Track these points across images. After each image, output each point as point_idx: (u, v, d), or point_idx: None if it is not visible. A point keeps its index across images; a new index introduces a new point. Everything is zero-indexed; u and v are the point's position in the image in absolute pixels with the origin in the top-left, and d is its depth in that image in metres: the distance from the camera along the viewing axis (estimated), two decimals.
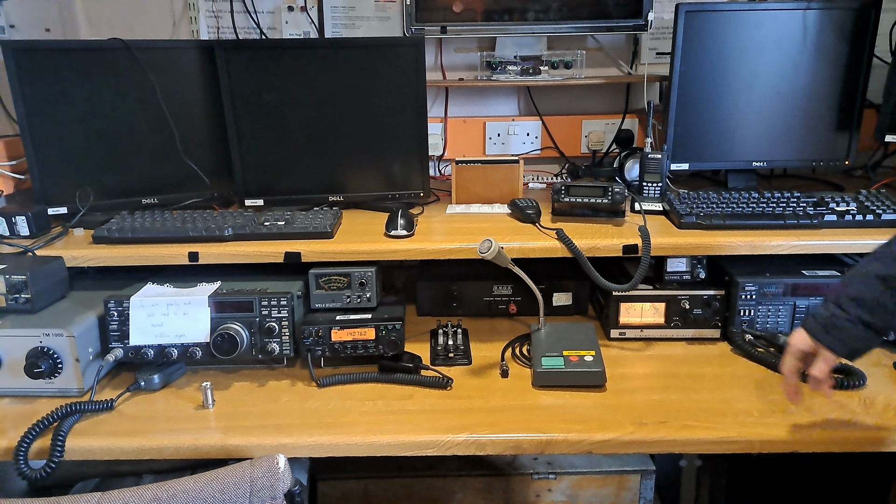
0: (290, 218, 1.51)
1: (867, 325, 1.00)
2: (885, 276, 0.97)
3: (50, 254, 1.42)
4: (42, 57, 1.53)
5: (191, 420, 1.20)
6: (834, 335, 1.02)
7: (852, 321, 1.00)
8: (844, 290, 1.02)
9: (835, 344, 1.03)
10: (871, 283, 0.99)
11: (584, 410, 1.21)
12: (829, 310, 1.03)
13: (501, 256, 1.32)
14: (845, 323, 1.01)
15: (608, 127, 2.09)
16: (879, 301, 0.98)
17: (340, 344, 1.34)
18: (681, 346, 1.47)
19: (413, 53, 1.65)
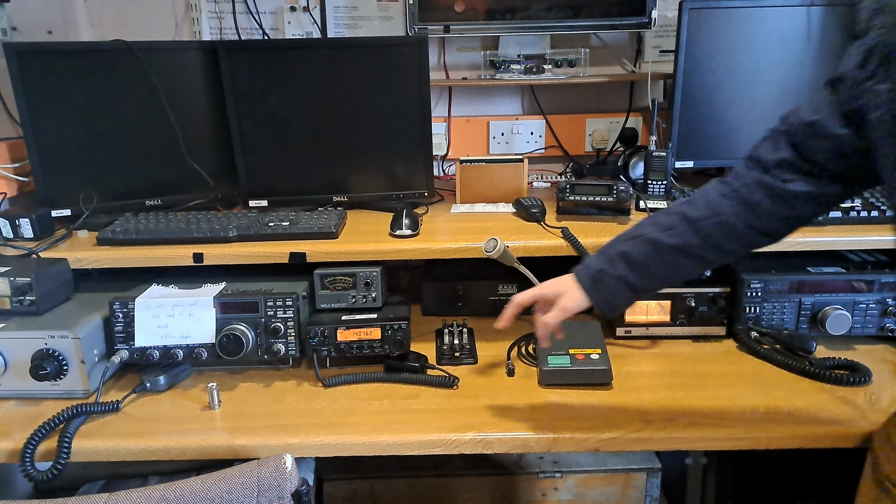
0: (295, 218, 1.51)
1: (629, 286, 1.04)
2: (654, 240, 1.02)
3: (54, 256, 1.42)
4: (45, 59, 1.53)
5: (197, 421, 1.20)
6: (599, 290, 1.06)
7: (618, 279, 1.04)
8: (616, 247, 1.05)
9: (598, 297, 1.07)
10: (640, 245, 1.03)
11: (590, 408, 1.20)
12: (601, 263, 1.06)
13: (507, 255, 1.31)
14: (612, 280, 1.04)
15: (612, 125, 2.09)
16: (647, 264, 1.03)
17: (346, 344, 1.34)
18: (686, 344, 1.46)
19: (416, 53, 1.64)
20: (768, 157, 0.97)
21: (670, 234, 1.01)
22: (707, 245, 1.00)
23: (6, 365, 1.26)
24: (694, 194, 1.05)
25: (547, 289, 1.12)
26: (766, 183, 0.96)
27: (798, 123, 0.94)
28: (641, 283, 1.04)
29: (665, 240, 1.01)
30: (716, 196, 1.00)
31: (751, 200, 0.98)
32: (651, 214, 1.08)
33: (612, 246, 1.07)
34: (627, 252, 1.04)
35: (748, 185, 0.98)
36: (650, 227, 1.04)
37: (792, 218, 0.98)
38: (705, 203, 1.00)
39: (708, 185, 1.04)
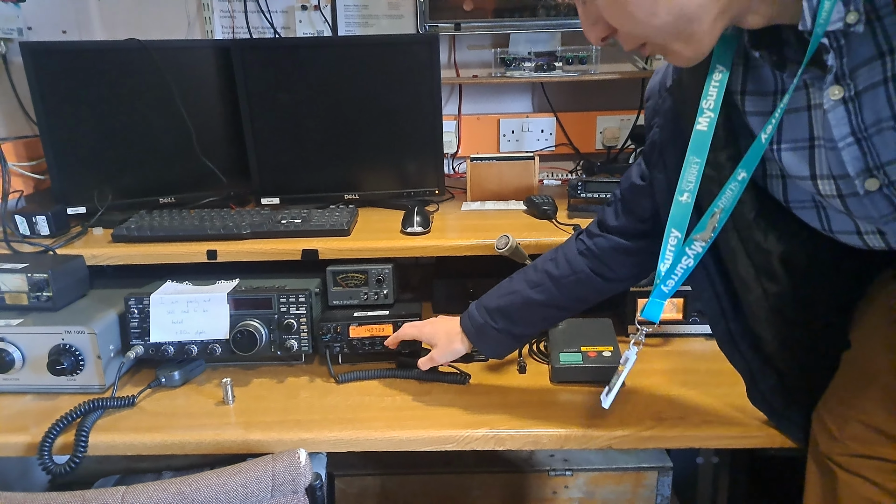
0: (307, 216, 1.52)
1: (511, 335, 1.19)
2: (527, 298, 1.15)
3: (70, 252, 1.44)
4: (60, 58, 1.55)
5: (212, 416, 1.21)
6: (483, 341, 1.20)
7: (501, 332, 1.18)
8: (494, 302, 1.18)
9: (483, 347, 1.21)
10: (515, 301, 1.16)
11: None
12: (483, 318, 1.18)
13: (518, 252, 1.32)
14: (494, 332, 1.18)
15: (623, 123, 2.09)
16: (523, 317, 1.17)
17: (358, 340, 1.35)
18: (699, 342, 1.46)
19: (427, 51, 1.65)
20: (610, 222, 1.12)
21: (538, 291, 1.15)
22: (569, 298, 1.15)
23: (24, 360, 1.27)
24: (559, 250, 1.18)
25: (427, 330, 1.27)
26: (614, 244, 1.11)
27: (625, 186, 1.11)
28: (521, 332, 1.19)
29: (534, 296, 1.15)
30: (574, 254, 1.14)
31: (603, 258, 1.12)
32: (522, 270, 1.21)
33: (491, 300, 1.19)
34: (504, 307, 1.17)
35: (600, 246, 1.12)
36: (522, 284, 1.17)
37: (640, 268, 1.14)
38: (565, 261, 1.14)
39: (569, 243, 1.18)
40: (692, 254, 0.90)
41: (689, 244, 0.89)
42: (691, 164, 0.88)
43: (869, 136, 0.74)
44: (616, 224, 1.12)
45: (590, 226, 1.18)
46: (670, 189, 0.96)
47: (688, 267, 0.91)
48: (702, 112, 0.86)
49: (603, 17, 0.77)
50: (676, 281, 0.92)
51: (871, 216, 0.80)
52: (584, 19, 0.80)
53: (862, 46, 0.70)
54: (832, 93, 0.74)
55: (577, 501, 1.72)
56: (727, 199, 0.85)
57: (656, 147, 1.00)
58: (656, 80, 1.02)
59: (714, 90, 0.84)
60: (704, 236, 0.87)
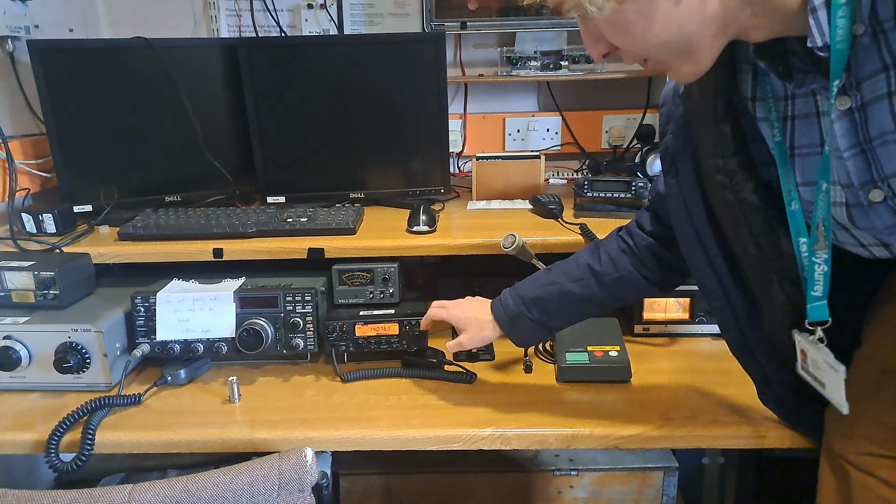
0: (313, 214, 1.52)
1: (544, 326, 1.18)
2: (566, 291, 1.15)
3: (76, 251, 1.44)
4: (67, 56, 1.55)
5: (218, 414, 1.21)
6: (516, 330, 1.19)
7: (534, 322, 1.17)
8: (531, 293, 1.17)
9: (515, 336, 1.20)
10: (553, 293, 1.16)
11: (609, 405, 1.20)
12: (518, 308, 1.17)
13: (525, 251, 1.31)
14: (528, 322, 1.17)
15: (629, 122, 2.08)
16: (560, 310, 1.17)
17: (364, 339, 1.35)
18: (706, 342, 1.45)
19: (433, 49, 1.65)
20: (646, 226, 1.14)
21: (579, 286, 1.15)
22: (609, 296, 1.15)
23: (30, 357, 1.27)
24: (599, 246, 1.18)
25: (457, 314, 1.24)
26: (650, 246, 1.12)
27: (653, 195, 1.13)
28: (554, 324, 1.19)
29: (574, 290, 1.14)
30: (616, 252, 1.15)
31: (642, 258, 1.13)
32: (561, 262, 1.20)
33: (528, 289, 1.18)
34: (541, 298, 1.16)
35: (639, 246, 1.13)
36: (562, 277, 1.16)
37: (676, 272, 1.13)
38: (608, 257, 1.15)
39: (610, 239, 1.19)
40: (820, 261, 0.86)
41: (814, 255, 0.86)
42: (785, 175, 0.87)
43: (873, 148, 0.74)
44: (651, 228, 1.13)
45: (629, 224, 1.18)
46: (682, 196, 0.97)
47: (824, 272, 0.87)
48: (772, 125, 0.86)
49: (604, 35, 0.77)
50: (822, 285, 0.88)
51: (876, 227, 0.80)
52: (586, 37, 0.80)
53: (868, 59, 0.70)
54: (840, 103, 0.74)
55: (583, 501, 1.72)
56: (822, 209, 0.81)
57: (669, 154, 1.00)
58: (670, 87, 1.02)
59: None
60: (821, 246, 0.84)
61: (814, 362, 0.95)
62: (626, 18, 0.72)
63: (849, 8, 0.67)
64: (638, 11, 0.71)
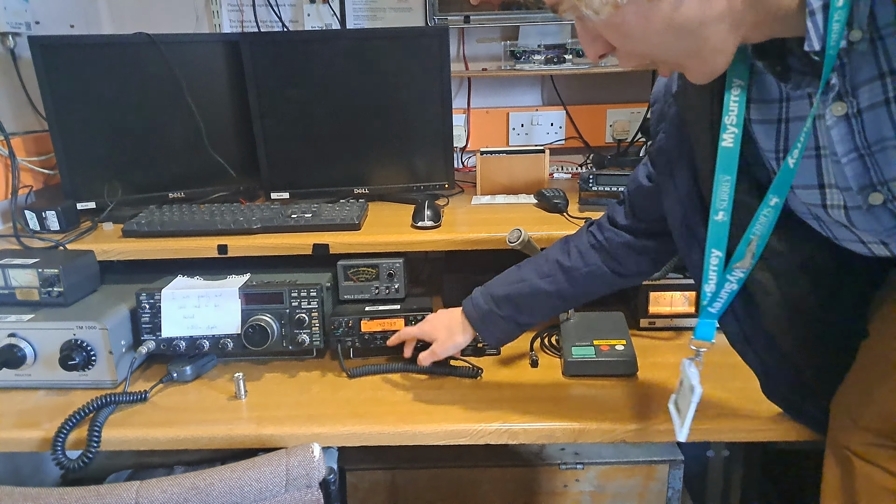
0: (317, 210, 1.52)
1: (516, 323, 1.19)
2: (536, 287, 1.16)
3: (80, 248, 1.44)
4: (69, 52, 1.54)
5: (224, 410, 1.21)
6: (487, 328, 1.20)
7: (505, 319, 1.18)
8: (501, 290, 1.19)
9: (486, 334, 1.21)
10: (523, 290, 1.17)
11: (616, 399, 1.20)
12: (489, 305, 1.18)
13: (531, 246, 1.31)
14: (499, 320, 1.18)
15: (633, 116, 2.07)
16: (530, 306, 1.18)
17: (370, 335, 1.35)
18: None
19: (437, 43, 1.64)
20: (620, 220, 1.14)
21: (548, 282, 1.16)
22: (578, 290, 1.16)
23: (35, 355, 1.27)
24: (569, 241, 1.18)
25: (426, 328, 1.26)
26: (624, 240, 1.13)
27: (632, 187, 1.12)
28: (525, 320, 1.20)
29: (544, 286, 1.16)
30: (586, 247, 1.16)
31: (613, 253, 1.13)
32: (531, 258, 1.21)
33: (498, 287, 1.20)
34: (511, 295, 1.18)
35: (610, 241, 1.14)
36: (531, 273, 1.17)
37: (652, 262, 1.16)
38: (578, 253, 1.15)
39: (580, 234, 1.19)
40: (734, 279, 0.89)
41: (730, 272, 0.88)
42: (722, 183, 0.87)
43: (872, 153, 0.73)
44: (625, 223, 1.13)
45: (600, 219, 1.18)
46: (678, 197, 0.97)
47: (732, 291, 0.90)
48: (725, 128, 0.84)
49: (602, 35, 0.75)
50: (723, 303, 0.91)
51: (876, 229, 0.80)
52: (583, 36, 0.78)
53: (864, 65, 0.70)
54: (835, 109, 0.73)
55: (588, 495, 1.72)
56: (762, 226, 0.83)
57: (663, 153, 0.99)
58: (661, 84, 1.00)
59: (735, 104, 0.83)
60: (744, 264, 0.86)
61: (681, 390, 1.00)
62: (624, 20, 0.70)
63: (844, 13, 0.66)
64: (637, 14, 0.69)
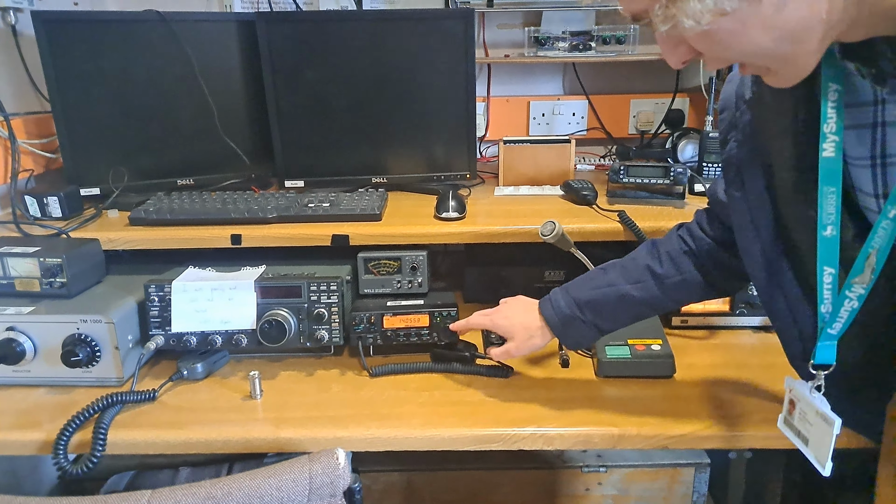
0: (336, 199, 1.44)
1: (598, 329, 1.11)
2: (624, 294, 1.08)
3: (84, 236, 1.36)
4: (75, 28, 1.47)
5: (239, 411, 1.13)
6: (568, 333, 1.12)
7: (587, 324, 1.10)
8: (585, 294, 1.10)
9: (567, 339, 1.13)
10: (610, 296, 1.09)
11: (655, 402, 1.13)
12: (572, 310, 1.10)
13: (564, 240, 1.24)
14: (581, 325, 1.10)
15: (657, 107, 2.00)
16: (615, 313, 1.10)
17: (392, 331, 1.27)
18: (747, 335, 1.38)
19: (462, 26, 1.56)
20: (707, 228, 1.07)
21: (638, 288, 1.08)
22: (669, 299, 1.08)
23: (36, 350, 1.19)
24: (658, 246, 1.10)
25: (503, 323, 1.18)
26: (712, 249, 1.06)
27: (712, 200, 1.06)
28: (607, 326, 1.12)
29: (633, 293, 1.07)
30: (678, 253, 1.08)
31: (704, 261, 1.06)
32: (616, 262, 1.13)
33: (581, 291, 1.11)
34: (596, 300, 1.09)
35: (700, 248, 1.07)
36: (619, 278, 1.09)
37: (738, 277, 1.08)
38: (669, 259, 1.08)
39: (670, 238, 1.11)
40: (854, 296, 0.81)
41: (849, 287, 0.80)
42: (828, 195, 0.79)
43: None
44: (712, 232, 1.06)
45: (689, 224, 1.11)
46: (750, 211, 0.90)
47: (853, 309, 0.82)
48: (824, 137, 0.77)
49: (687, 41, 0.69)
50: (843, 323, 0.83)
51: None
52: (664, 43, 0.71)
53: None
54: None
55: (611, 499, 1.65)
56: (881, 239, 0.76)
57: (733, 164, 0.92)
58: (731, 91, 0.93)
59: (833, 111, 0.77)
60: (864, 279, 0.78)
61: (802, 414, 0.90)
62: (721, 27, 0.64)
63: None
64: (736, 19, 0.63)
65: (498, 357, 1.17)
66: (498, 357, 1.17)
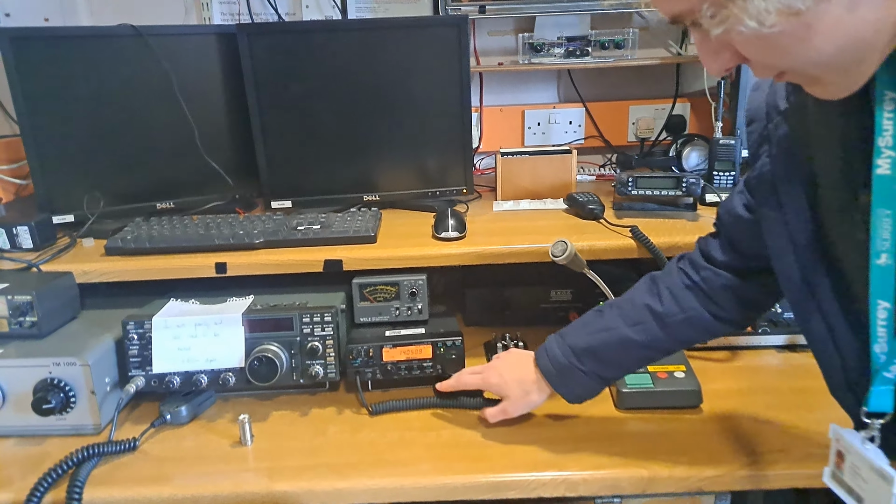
0: (326, 221, 1.35)
1: (600, 378, 1.02)
2: (624, 338, 0.99)
3: (57, 269, 1.26)
4: (44, 46, 1.37)
5: (227, 460, 1.03)
6: (567, 385, 1.03)
7: (588, 374, 1.01)
8: (582, 340, 1.02)
9: (566, 391, 1.04)
10: (609, 340, 1.00)
11: (683, 437, 1.04)
12: (569, 359, 1.01)
13: (577, 260, 1.15)
14: (581, 375, 1.01)
15: (658, 112, 1.92)
16: (617, 360, 1.01)
17: (393, 364, 1.18)
18: (771, 355, 1.30)
19: (455, 34, 1.48)
20: (717, 256, 0.97)
21: (638, 331, 0.99)
22: (674, 340, 1.00)
23: (4, 397, 1.09)
24: (657, 281, 1.01)
25: (494, 381, 1.09)
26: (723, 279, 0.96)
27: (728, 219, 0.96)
28: (612, 374, 1.04)
29: (633, 336, 0.99)
30: (680, 288, 0.99)
31: (713, 294, 0.97)
32: (613, 302, 1.04)
33: (578, 337, 1.03)
34: (594, 347, 1.01)
35: (707, 280, 0.97)
36: (617, 321, 1.00)
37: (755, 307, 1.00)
38: (670, 295, 0.99)
39: (670, 272, 1.01)
40: None
41: None
42: (882, 218, 0.70)
43: None
44: (724, 259, 0.96)
45: (692, 255, 1.01)
46: (788, 232, 0.81)
47: None
48: (879, 153, 0.68)
49: (732, 46, 0.60)
50: None
51: None
52: (705, 48, 0.63)
53: None
54: None
55: None
56: None
57: (766, 180, 0.83)
58: (760, 100, 0.84)
59: (889, 123, 0.67)
60: None
61: (853, 468, 0.79)
62: (783, 31, 0.56)
63: None
64: (803, 22, 0.55)
65: (494, 418, 1.08)
66: (494, 418, 1.08)
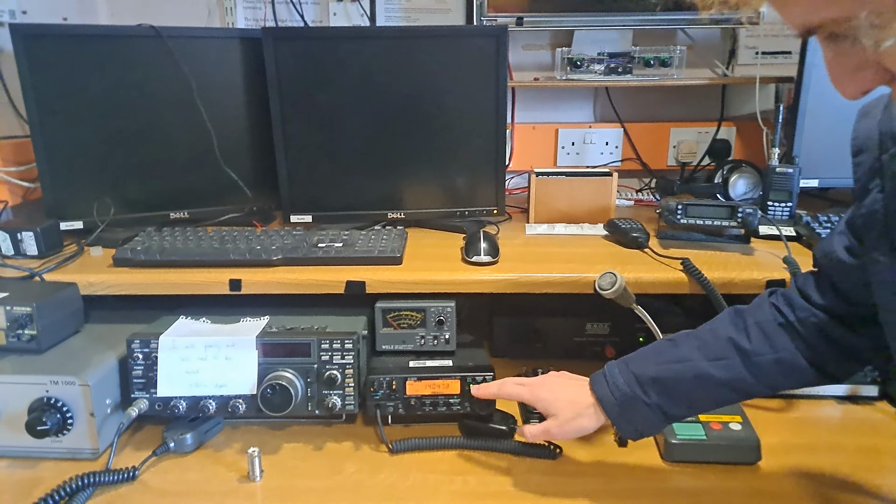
0: (349, 239, 1.26)
1: (665, 415, 0.90)
2: (701, 373, 0.88)
3: (61, 279, 1.18)
4: (58, 45, 1.31)
5: (234, 497, 0.94)
6: (627, 417, 0.91)
7: (651, 407, 0.89)
8: (650, 370, 0.90)
9: (625, 424, 0.92)
10: (683, 374, 0.89)
11: (738, 498, 0.93)
12: (632, 389, 0.90)
13: (626, 295, 1.05)
14: (644, 408, 0.90)
15: (701, 136, 1.83)
16: (689, 396, 0.90)
17: (417, 399, 1.08)
18: (831, 406, 1.19)
19: (493, 45, 1.39)
20: (816, 298, 0.87)
21: (719, 366, 0.88)
22: (759, 382, 0.88)
23: None
24: (744, 315, 0.91)
25: (545, 396, 0.97)
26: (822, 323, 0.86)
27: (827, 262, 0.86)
28: (677, 412, 0.91)
29: (713, 372, 0.88)
30: (772, 325, 0.88)
31: (808, 337, 0.87)
32: (690, 332, 0.93)
33: (645, 366, 0.91)
34: (665, 379, 0.89)
35: (804, 321, 0.87)
36: (695, 353, 0.89)
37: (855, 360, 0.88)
38: (760, 333, 0.88)
39: (761, 307, 0.91)
40: None
41: None
42: None
43: None
44: (824, 302, 0.86)
45: (787, 292, 0.91)
46: None
47: None
48: None
49: (877, 62, 0.51)
50: None
51: None
52: (841, 66, 0.54)
53: None
54: None
55: None
56: None
57: (877, 220, 0.74)
58: (871, 127, 0.74)
59: None
60: None
61: None
62: None
63: None
64: None
65: (535, 437, 0.96)
66: (535, 437, 0.96)
